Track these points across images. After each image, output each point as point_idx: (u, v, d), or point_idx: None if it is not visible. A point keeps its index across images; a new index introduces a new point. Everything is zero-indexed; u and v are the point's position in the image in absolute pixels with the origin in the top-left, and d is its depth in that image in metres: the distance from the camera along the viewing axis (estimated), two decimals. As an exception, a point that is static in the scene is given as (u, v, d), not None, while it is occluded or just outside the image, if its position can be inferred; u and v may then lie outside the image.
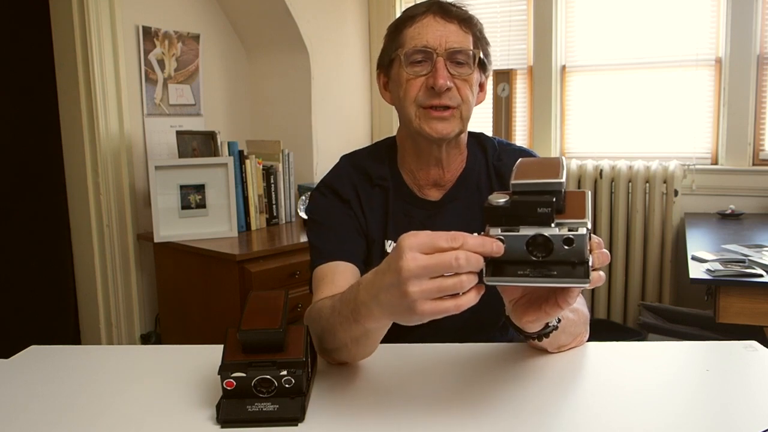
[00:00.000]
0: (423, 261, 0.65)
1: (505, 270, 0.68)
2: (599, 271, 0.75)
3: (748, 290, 1.77)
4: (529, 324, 0.79)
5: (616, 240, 2.83)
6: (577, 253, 0.66)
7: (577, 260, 0.67)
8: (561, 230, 0.66)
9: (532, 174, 0.70)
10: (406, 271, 0.65)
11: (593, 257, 0.75)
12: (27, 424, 0.79)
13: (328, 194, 1.17)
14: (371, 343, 0.87)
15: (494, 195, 0.69)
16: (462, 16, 1.09)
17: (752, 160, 2.75)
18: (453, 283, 0.65)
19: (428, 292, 0.65)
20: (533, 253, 0.67)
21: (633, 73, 2.94)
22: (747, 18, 2.66)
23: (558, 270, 0.67)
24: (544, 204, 0.66)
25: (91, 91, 2.44)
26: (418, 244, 0.66)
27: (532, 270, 0.67)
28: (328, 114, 3.15)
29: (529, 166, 0.74)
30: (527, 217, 0.67)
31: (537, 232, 0.66)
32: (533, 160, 0.77)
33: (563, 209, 0.69)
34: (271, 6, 2.90)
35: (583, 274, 0.67)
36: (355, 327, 0.79)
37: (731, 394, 0.83)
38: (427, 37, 1.06)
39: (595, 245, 0.78)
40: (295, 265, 2.35)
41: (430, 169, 1.15)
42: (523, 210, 0.67)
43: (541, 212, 0.66)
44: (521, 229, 0.67)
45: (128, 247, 2.58)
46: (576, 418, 0.77)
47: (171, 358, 1.02)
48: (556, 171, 0.70)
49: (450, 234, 0.67)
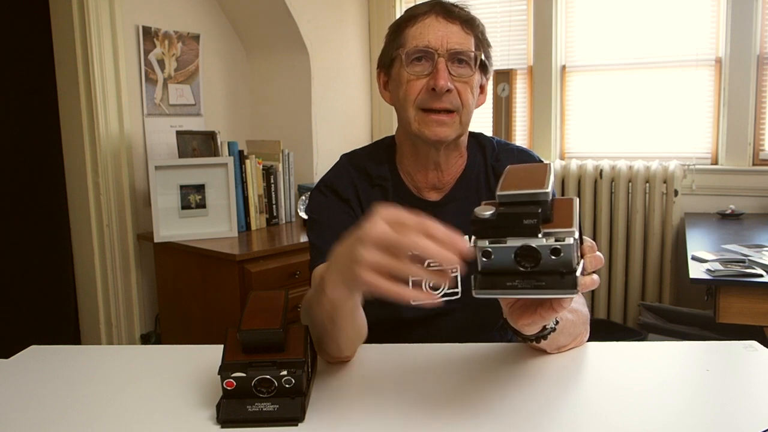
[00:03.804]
0: (383, 232, 0.66)
1: (494, 282, 0.68)
2: (593, 275, 0.76)
3: (748, 290, 1.77)
4: (525, 327, 0.79)
5: (616, 240, 2.83)
6: (564, 263, 0.66)
7: (565, 270, 0.67)
8: (548, 240, 0.66)
9: (518, 184, 0.70)
10: (365, 235, 0.66)
11: (585, 261, 0.75)
12: (27, 424, 0.79)
13: (328, 193, 1.16)
14: (345, 323, 0.84)
15: (480, 207, 0.69)
16: (464, 17, 1.09)
17: (752, 160, 2.75)
18: (399, 266, 0.65)
19: (374, 263, 0.66)
20: (521, 264, 0.67)
21: (633, 73, 2.94)
22: (747, 18, 2.66)
23: (546, 280, 0.67)
24: (529, 215, 0.66)
25: (91, 91, 2.44)
26: (388, 217, 0.66)
27: (521, 281, 0.67)
28: (328, 114, 3.15)
29: (516, 175, 0.73)
30: (514, 228, 0.67)
31: (524, 243, 0.66)
32: (521, 168, 0.77)
33: (550, 218, 0.69)
34: (271, 6, 2.90)
35: (571, 284, 0.67)
36: (323, 299, 0.79)
37: (731, 394, 0.83)
38: (429, 37, 1.06)
39: (587, 249, 0.78)
40: (295, 265, 2.35)
41: (429, 172, 1.14)
42: (509, 222, 0.67)
43: (528, 224, 0.66)
44: (509, 241, 0.67)
45: (128, 247, 2.58)
46: (576, 418, 0.77)
47: (171, 358, 1.02)
48: (542, 180, 0.69)
49: (422, 220, 0.66)
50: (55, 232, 2.73)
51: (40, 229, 2.83)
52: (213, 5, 2.97)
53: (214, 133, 2.53)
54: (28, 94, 2.74)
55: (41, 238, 2.83)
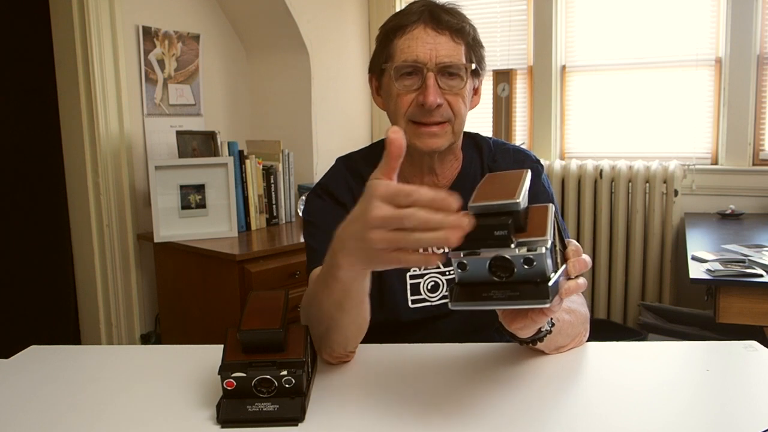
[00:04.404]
0: (388, 212, 0.66)
1: (471, 293, 0.69)
2: (578, 279, 0.76)
3: (748, 290, 1.77)
4: (519, 331, 0.79)
5: (616, 240, 2.83)
6: (538, 272, 0.67)
7: (540, 279, 0.67)
8: (520, 250, 0.66)
9: (489, 194, 0.70)
10: (371, 220, 0.67)
11: (568, 265, 0.75)
12: (27, 424, 0.79)
13: (325, 196, 1.16)
14: (354, 308, 0.84)
15: None
16: (453, 26, 1.06)
17: (752, 160, 2.75)
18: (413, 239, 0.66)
19: (388, 242, 0.67)
20: (496, 274, 0.67)
21: (633, 73, 2.94)
22: (747, 18, 2.66)
23: (522, 289, 0.67)
24: (500, 227, 0.66)
25: (91, 91, 2.44)
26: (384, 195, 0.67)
27: (497, 291, 0.68)
28: (328, 114, 3.15)
29: (491, 185, 0.74)
30: (486, 240, 0.67)
31: (497, 254, 0.67)
32: (497, 177, 0.77)
33: (524, 227, 0.69)
34: (271, 6, 2.90)
35: (544, 294, 0.67)
36: (333, 285, 0.79)
37: (731, 394, 0.83)
38: (417, 51, 1.04)
39: (571, 253, 0.78)
40: (295, 265, 2.35)
41: (424, 177, 1.14)
42: (481, 233, 0.67)
43: (499, 235, 0.66)
44: (482, 252, 0.67)
45: (128, 247, 2.58)
46: (576, 418, 0.77)
47: (171, 358, 1.02)
48: (514, 190, 0.69)
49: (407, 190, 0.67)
50: (55, 232, 2.73)
51: (40, 229, 2.83)
52: (213, 5, 2.97)
53: (214, 133, 2.53)
54: (28, 94, 2.74)
55: (41, 238, 2.83)
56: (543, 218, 0.71)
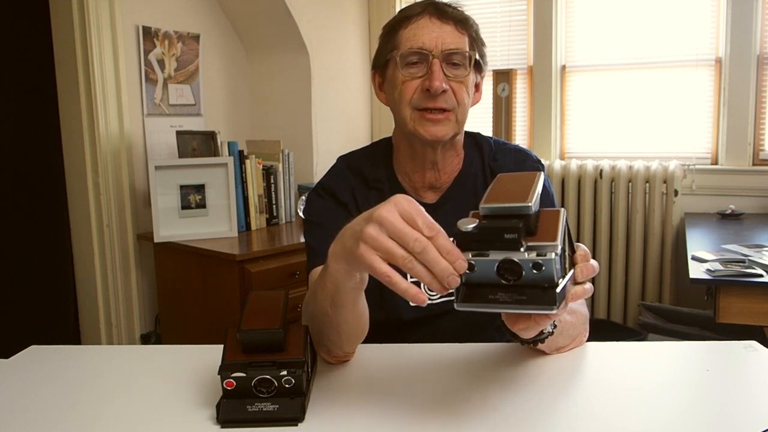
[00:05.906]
0: (395, 220, 0.67)
1: (478, 294, 0.68)
2: (585, 285, 0.75)
3: (748, 290, 1.77)
4: (522, 332, 0.79)
5: (616, 240, 2.83)
6: (546, 277, 0.66)
7: (547, 284, 0.66)
8: (530, 255, 0.65)
9: (502, 196, 0.70)
10: (377, 216, 0.68)
11: (576, 270, 0.75)
12: (27, 424, 0.79)
13: (326, 196, 1.17)
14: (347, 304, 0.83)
15: (464, 220, 0.69)
16: (458, 17, 1.09)
17: (752, 160, 2.75)
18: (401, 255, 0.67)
19: (379, 244, 0.67)
20: (504, 277, 0.66)
21: (633, 73, 2.94)
22: (747, 18, 2.66)
23: (529, 293, 0.66)
24: (510, 230, 0.66)
25: (91, 91, 2.44)
26: (403, 209, 0.68)
27: (504, 294, 0.67)
28: (328, 114, 3.16)
29: (503, 186, 0.73)
30: (495, 242, 0.66)
31: (506, 257, 0.66)
32: (510, 177, 0.76)
33: (535, 231, 0.68)
34: (271, 6, 2.90)
35: (551, 300, 0.66)
36: (327, 277, 0.80)
37: (731, 394, 0.83)
38: (423, 39, 1.06)
39: (579, 257, 0.77)
40: (295, 265, 2.35)
41: (426, 172, 1.14)
42: (491, 235, 0.66)
43: (509, 238, 0.66)
44: (491, 254, 0.66)
45: (128, 247, 2.58)
46: (576, 418, 0.77)
47: (171, 358, 1.02)
48: (526, 193, 0.69)
49: (431, 222, 0.68)
50: (55, 232, 2.73)
51: (40, 229, 2.83)
52: (213, 5, 2.97)
53: (214, 133, 2.53)
54: (28, 94, 2.74)
55: (41, 238, 2.83)
56: (554, 223, 0.70)
